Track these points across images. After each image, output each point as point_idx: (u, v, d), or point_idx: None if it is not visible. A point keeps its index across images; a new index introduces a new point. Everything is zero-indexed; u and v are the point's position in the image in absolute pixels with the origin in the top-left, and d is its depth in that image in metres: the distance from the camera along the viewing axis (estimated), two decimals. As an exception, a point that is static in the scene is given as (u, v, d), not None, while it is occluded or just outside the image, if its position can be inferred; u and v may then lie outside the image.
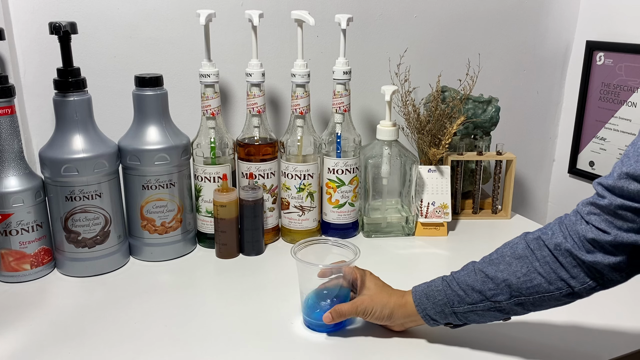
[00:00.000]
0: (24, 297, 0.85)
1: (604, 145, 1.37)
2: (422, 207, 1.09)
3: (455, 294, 0.69)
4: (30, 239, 0.88)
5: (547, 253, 0.63)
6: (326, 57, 1.14)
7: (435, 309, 0.71)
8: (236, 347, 0.73)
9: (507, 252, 0.67)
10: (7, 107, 0.85)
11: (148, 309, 0.82)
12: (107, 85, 1.02)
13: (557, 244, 0.62)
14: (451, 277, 0.71)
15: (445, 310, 0.70)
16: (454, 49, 1.28)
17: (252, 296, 0.86)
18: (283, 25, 1.10)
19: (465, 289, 0.68)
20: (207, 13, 0.92)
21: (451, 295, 0.69)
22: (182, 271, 0.95)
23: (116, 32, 1.01)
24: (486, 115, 1.17)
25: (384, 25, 1.20)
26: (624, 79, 1.29)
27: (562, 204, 1.53)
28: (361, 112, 1.23)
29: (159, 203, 0.95)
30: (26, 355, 0.71)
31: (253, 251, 1.00)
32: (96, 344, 0.73)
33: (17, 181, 0.86)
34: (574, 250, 0.61)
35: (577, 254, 0.61)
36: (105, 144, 0.90)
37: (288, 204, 1.04)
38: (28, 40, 0.96)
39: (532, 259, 0.64)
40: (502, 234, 1.13)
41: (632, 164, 0.56)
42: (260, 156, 1.00)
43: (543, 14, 1.36)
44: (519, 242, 0.67)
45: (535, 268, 0.64)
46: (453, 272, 0.72)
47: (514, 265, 0.65)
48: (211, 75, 0.95)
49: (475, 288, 0.68)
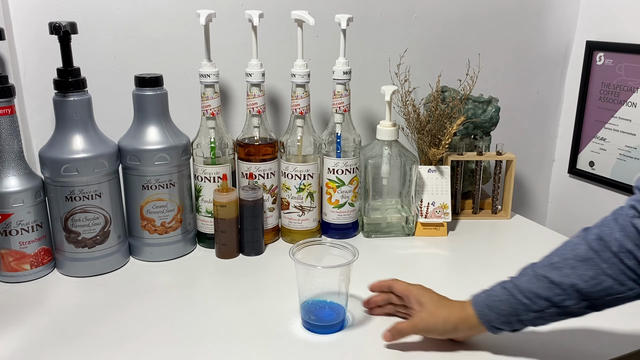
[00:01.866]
0: (24, 297, 0.85)
1: (604, 145, 1.37)
2: (422, 207, 1.09)
3: (520, 303, 0.65)
4: (30, 239, 0.88)
5: (611, 255, 0.61)
6: (326, 57, 1.14)
7: (500, 320, 0.67)
8: (236, 347, 0.73)
9: (569, 254, 0.64)
10: (7, 107, 0.85)
11: (148, 309, 0.82)
12: (107, 85, 1.02)
13: (619, 244, 0.60)
14: (512, 284, 0.67)
15: (511, 320, 0.66)
16: (454, 49, 1.28)
17: (252, 296, 0.86)
18: (283, 25, 1.10)
19: (530, 297, 0.65)
20: (207, 13, 0.92)
21: (516, 304, 0.66)
22: (182, 271, 0.95)
23: (116, 32, 1.01)
24: (486, 115, 1.17)
25: (384, 25, 1.20)
26: (624, 79, 1.29)
27: (562, 204, 1.53)
28: (361, 112, 1.23)
29: (158, 203, 0.95)
30: (26, 355, 0.71)
31: (253, 251, 1.00)
32: (96, 344, 0.73)
33: (17, 181, 0.86)
34: (634, 251, 0.59)
35: (638, 255, 0.59)
36: (105, 144, 0.90)
37: (288, 204, 1.04)
38: (28, 40, 0.96)
39: (598, 261, 0.61)
40: (502, 234, 1.13)
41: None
42: (260, 156, 1.00)
43: (543, 14, 1.36)
44: (580, 242, 0.64)
45: (603, 270, 0.61)
46: (512, 277, 0.68)
47: (579, 268, 0.62)
48: (211, 75, 0.95)
49: (541, 295, 0.64)
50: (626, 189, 1.33)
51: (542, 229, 1.16)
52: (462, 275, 0.94)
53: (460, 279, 0.93)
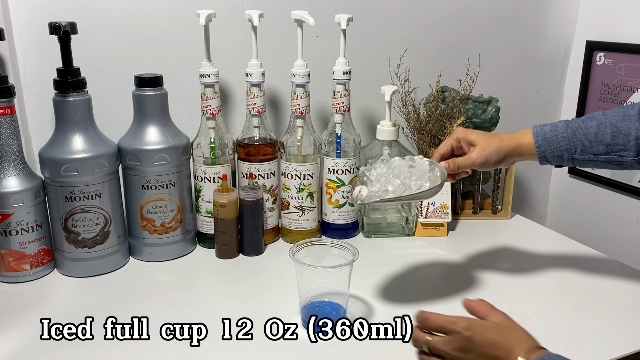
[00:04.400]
0: (24, 297, 0.85)
1: (604, 145, 1.36)
2: (422, 207, 1.09)
3: (580, 142, 0.70)
4: (30, 239, 0.88)
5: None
6: (326, 57, 1.14)
7: (554, 153, 0.72)
8: (236, 347, 0.73)
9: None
10: (7, 107, 0.85)
11: (148, 309, 0.82)
12: (107, 85, 1.02)
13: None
14: (577, 125, 0.72)
15: (564, 156, 0.72)
16: (454, 49, 1.28)
17: (252, 296, 0.86)
18: (283, 25, 1.10)
19: (592, 141, 0.70)
20: (207, 13, 0.92)
21: (575, 143, 0.71)
22: (182, 271, 0.95)
23: (116, 32, 1.01)
24: (486, 115, 1.17)
25: (384, 25, 1.20)
26: (624, 79, 1.29)
27: (562, 204, 1.53)
28: (361, 112, 1.23)
29: (158, 203, 0.95)
30: (26, 355, 0.71)
31: (253, 251, 1.00)
32: (96, 344, 0.73)
33: (17, 181, 0.86)
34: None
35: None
36: (105, 144, 0.90)
37: (288, 204, 1.04)
38: (28, 40, 0.96)
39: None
40: (502, 234, 1.13)
41: None
42: (260, 156, 1.00)
43: (543, 14, 1.36)
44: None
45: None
46: (577, 119, 0.73)
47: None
48: (211, 75, 0.95)
49: (603, 141, 0.69)
50: (626, 189, 1.33)
51: (542, 229, 1.16)
52: (462, 275, 0.94)
53: (460, 279, 0.93)
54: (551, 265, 0.97)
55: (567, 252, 1.03)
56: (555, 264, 0.98)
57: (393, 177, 0.75)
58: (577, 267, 0.96)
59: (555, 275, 0.93)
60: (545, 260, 0.99)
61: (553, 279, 0.93)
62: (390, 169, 0.77)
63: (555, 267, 0.97)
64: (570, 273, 0.94)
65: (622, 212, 1.36)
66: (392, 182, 0.74)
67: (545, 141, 0.74)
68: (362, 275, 0.92)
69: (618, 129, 0.69)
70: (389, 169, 0.77)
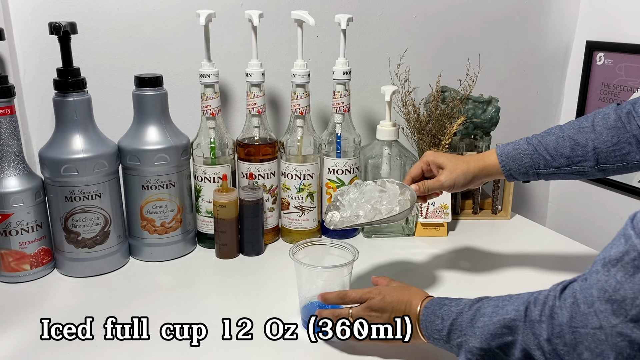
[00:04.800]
0: (24, 297, 0.85)
1: (604, 145, 1.37)
2: (422, 207, 1.08)
3: (542, 158, 0.75)
4: (30, 239, 0.88)
5: (637, 127, 0.71)
6: (326, 57, 1.14)
7: (519, 170, 0.77)
8: (236, 347, 0.73)
9: (599, 122, 0.73)
10: (7, 107, 0.85)
11: (148, 309, 0.82)
12: (107, 85, 1.02)
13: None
14: (537, 141, 0.76)
15: (529, 172, 0.76)
16: (454, 49, 1.28)
17: (252, 296, 0.86)
18: (283, 25, 1.10)
19: (553, 155, 0.74)
20: (207, 13, 0.92)
21: (538, 159, 0.75)
22: (182, 271, 0.95)
23: (116, 32, 1.01)
24: (486, 116, 1.17)
25: (384, 25, 1.20)
26: (624, 79, 1.29)
27: (562, 204, 1.53)
28: (361, 112, 1.23)
29: (158, 203, 0.95)
30: (26, 355, 0.71)
31: (253, 251, 1.00)
32: (96, 343, 0.73)
33: (17, 181, 0.86)
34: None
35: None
36: (105, 144, 0.90)
37: (288, 204, 1.04)
38: (28, 40, 0.96)
39: (624, 131, 0.72)
40: (502, 234, 1.13)
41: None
42: (260, 156, 1.00)
43: (543, 14, 1.36)
44: (611, 113, 0.73)
45: (627, 139, 0.71)
46: (537, 135, 0.77)
47: (604, 134, 0.72)
48: (211, 75, 0.95)
49: (563, 154, 0.74)
50: (626, 189, 1.33)
51: (542, 229, 1.16)
52: (462, 275, 0.94)
53: (460, 279, 0.93)
54: (551, 265, 0.97)
55: (567, 253, 1.03)
56: (555, 264, 0.98)
57: (364, 202, 0.79)
58: (577, 267, 0.96)
59: (556, 275, 0.93)
60: (545, 261, 0.99)
61: (553, 279, 0.92)
62: (362, 194, 0.80)
63: (555, 267, 0.97)
64: (570, 273, 0.94)
65: (622, 212, 1.36)
66: (364, 207, 0.78)
67: (509, 159, 0.78)
68: (362, 275, 0.92)
69: (576, 142, 0.74)
70: (360, 194, 0.80)
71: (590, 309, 0.48)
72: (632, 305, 0.45)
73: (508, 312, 0.56)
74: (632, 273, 0.45)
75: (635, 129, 0.71)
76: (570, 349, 0.49)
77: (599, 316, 0.47)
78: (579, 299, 0.49)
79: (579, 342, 0.49)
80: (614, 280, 0.46)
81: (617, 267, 0.46)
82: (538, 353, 0.52)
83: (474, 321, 0.59)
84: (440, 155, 0.82)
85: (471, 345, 0.59)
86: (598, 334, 0.47)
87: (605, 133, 0.73)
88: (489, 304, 0.60)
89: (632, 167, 0.73)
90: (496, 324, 0.56)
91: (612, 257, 0.47)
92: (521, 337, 0.54)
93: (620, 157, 0.73)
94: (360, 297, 0.71)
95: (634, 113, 0.72)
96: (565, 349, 0.50)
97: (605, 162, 0.73)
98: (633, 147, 0.72)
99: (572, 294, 0.50)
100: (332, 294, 0.73)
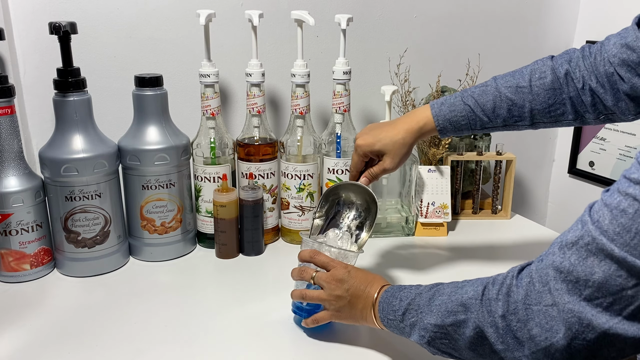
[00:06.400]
0: (24, 297, 0.85)
1: (604, 145, 1.37)
2: (422, 207, 1.09)
3: (479, 119, 0.74)
4: (30, 239, 0.88)
5: (574, 89, 0.70)
6: (326, 57, 1.14)
7: (455, 129, 0.76)
8: (236, 347, 0.73)
9: (536, 82, 0.72)
10: (7, 107, 0.85)
11: (148, 309, 0.82)
12: (107, 85, 1.02)
13: (584, 82, 0.70)
14: (474, 101, 0.75)
15: (464, 130, 0.76)
16: (454, 49, 1.28)
17: (252, 296, 0.86)
18: (283, 25, 1.10)
19: (490, 116, 0.74)
20: (207, 13, 0.92)
21: (474, 120, 0.75)
22: (182, 271, 0.95)
23: (116, 32, 1.01)
24: (486, 115, 1.17)
25: (384, 25, 1.20)
26: (624, 79, 1.29)
27: (562, 204, 1.54)
28: (361, 112, 1.23)
29: (158, 203, 0.95)
30: (26, 355, 0.71)
31: (253, 251, 1.00)
32: (96, 344, 0.73)
33: (17, 181, 0.86)
34: (597, 91, 0.69)
35: (601, 97, 0.69)
36: (105, 144, 0.90)
37: (288, 204, 1.04)
38: (28, 40, 0.96)
39: (560, 92, 0.71)
40: (502, 234, 1.13)
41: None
42: (260, 156, 1.00)
43: (543, 14, 1.36)
44: (547, 72, 0.72)
45: (562, 100, 0.71)
46: (472, 93, 0.75)
47: (542, 95, 0.71)
48: (211, 75, 0.95)
49: (500, 115, 0.73)
50: (626, 189, 1.33)
51: (542, 229, 1.16)
52: (462, 275, 0.94)
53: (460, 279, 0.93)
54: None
55: (567, 252, 1.03)
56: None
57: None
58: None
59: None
60: (545, 260, 0.99)
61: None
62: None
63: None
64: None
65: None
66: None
67: (446, 122, 0.76)
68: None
69: (513, 102, 0.73)
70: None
71: (545, 287, 0.50)
72: (585, 285, 0.47)
73: (466, 292, 0.58)
74: (585, 256, 0.48)
75: (572, 91, 0.71)
76: (522, 324, 0.52)
77: (553, 294, 0.49)
78: (534, 278, 0.52)
79: (530, 318, 0.51)
80: (568, 262, 0.49)
81: (572, 250, 0.49)
82: (491, 330, 0.54)
83: (432, 300, 0.62)
84: (374, 141, 0.79)
85: (426, 322, 0.61)
86: (549, 311, 0.49)
87: (542, 94, 0.72)
88: (449, 285, 0.62)
89: (563, 124, 0.75)
90: (454, 302, 0.58)
91: (568, 241, 0.50)
92: (475, 315, 0.56)
93: (554, 117, 0.73)
94: (328, 263, 0.74)
95: (572, 75, 0.71)
96: (518, 325, 0.52)
97: (540, 121, 0.74)
98: (567, 107, 0.72)
99: (528, 274, 0.53)
100: (306, 251, 0.76)
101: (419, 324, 0.62)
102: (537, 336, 0.50)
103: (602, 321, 0.47)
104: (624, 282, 0.46)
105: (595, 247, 0.47)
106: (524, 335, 0.51)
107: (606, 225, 0.47)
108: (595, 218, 0.48)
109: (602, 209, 0.48)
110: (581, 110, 0.72)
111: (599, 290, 0.47)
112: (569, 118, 0.73)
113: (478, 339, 0.56)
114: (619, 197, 0.47)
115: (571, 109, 0.72)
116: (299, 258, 0.77)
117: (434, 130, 0.77)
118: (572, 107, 0.72)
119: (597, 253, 0.47)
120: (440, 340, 0.60)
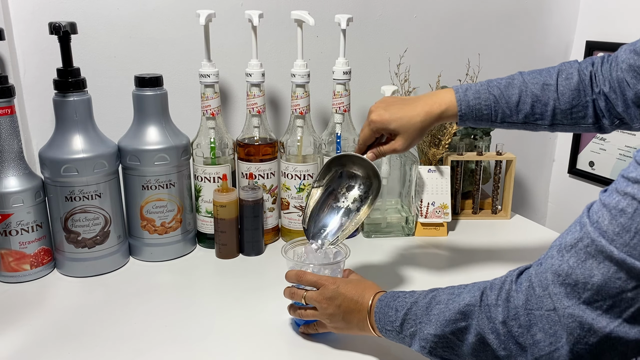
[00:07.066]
0: (24, 297, 0.85)
1: (604, 145, 1.37)
2: (422, 207, 1.09)
3: (501, 111, 0.74)
4: (30, 239, 0.88)
5: (595, 93, 0.71)
6: (326, 57, 1.14)
7: (475, 119, 0.75)
8: (236, 347, 0.73)
9: (562, 82, 0.72)
10: (7, 107, 0.85)
11: (148, 309, 0.82)
12: (107, 85, 1.02)
13: (601, 86, 0.70)
14: (500, 92, 0.74)
15: (483, 121, 0.75)
16: (454, 49, 1.28)
17: (251, 296, 0.86)
18: (283, 25, 1.10)
19: (513, 110, 0.73)
20: (207, 13, 0.92)
21: (497, 111, 0.74)
22: (182, 271, 0.95)
23: (116, 32, 1.01)
24: (486, 116, 1.17)
25: (384, 25, 1.20)
26: (624, 79, 1.29)
27: (562, 204, 1.54)
28: (361, 112, 1.23)
29: (158, 203, 0.95)
30: (26, 355, 0.71)
31: (253, 251, 1.00)
32: (96, 344, 0.73)
33: (17, 181, 0.86)
34: (609, 96, 0.70)
35: (613, 103, 0.70)
36: (105, 144, 0.90)
37: (288, 204, 1.04)
38: (28, 40, 0.96)
39: (584, 94, 0.71)
40: (502, 234, 1.13)
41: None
42: (260, 156, 1.00)
43: (543, 14, 1.36)
44: (574, 73, 0.72)
45: (585, 103, 0.71)
46: (499, 83, 0.75)
47: (566, 95, 0.71)
48: (211, 75, 0.95)
49: (522, 110, 0.73)
50: (626, 189, 1.33)
51: (542, 229, 1.16)
52: (462, 275, 0.94)
53: (460, 279, 0.93)
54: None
55: (567, 252, 1.03)
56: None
57: None
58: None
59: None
60: (545, 260, 0.99)
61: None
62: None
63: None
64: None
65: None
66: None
67: (468, 109, 0.75)
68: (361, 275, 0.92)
69: (538, 99, 0.72)
70: None
71: (545, 291, 0.50)
72: (584, 289, 0.47)
73: (464, 299, 0.57)
74: (584, 259, 0.47)
75: (595, 95, 0.71)
76: (524, 330, 0.51)
77: (553, 298, 0.49)
78: (534, 282, 0.51)
79: (533, 323, 0.50)
80: (567, 265, 0.48)
81: (571, 253, 0.48)
82: (492, 337, 0.53)
83: (429, 309, 0.60)
84: (390, 119, 0.75)
85: (426, 332, 0.60)
86: (552, 316, 0.49)
87: (567, 94, 0.71)
88: (444, 292, 0.61)
89: (582, 128, 0.74)
90: (452, 310, 0.57)
91: (567, 243, 0.49)
92: (476, 322, 0.55)
93: (575, 120, 0.72)
94: (315, 282, 0.72)
95: (594, 78, 0.71)
96: (520, 330, 0.51)
97: (559, 122, 0.73)
98: (589, 110, 0.71)
99: (527, 278, 0.52)
100: (292, 272, 0.75)
101: (418, 335, 0.61)
102: (541, 341, 0.50)
103: (602, 324, 0.46)
104: (624, 284, 0.45)
105: (594, 249, 0.47)
106: (527, 341, 0.51)
107: (605, 226, 0.46)
108: (594, 219, 0.48)
109: (601, 209, 0.48)
110: (600, 114, 0.72)
111: (599, 293, 0.46)
112: (589, 122, 0.73)
113: (480, 345, 0.55)
114: (618, 196, 0.47)
115: (592, 112, 0.72)
116: (286, 279, 0.75)
117: (453, 117, 0.75)
118: (593, 110, 0.72)
119: (596, 255, 0.46)
120: (442, 349, 0.59)
